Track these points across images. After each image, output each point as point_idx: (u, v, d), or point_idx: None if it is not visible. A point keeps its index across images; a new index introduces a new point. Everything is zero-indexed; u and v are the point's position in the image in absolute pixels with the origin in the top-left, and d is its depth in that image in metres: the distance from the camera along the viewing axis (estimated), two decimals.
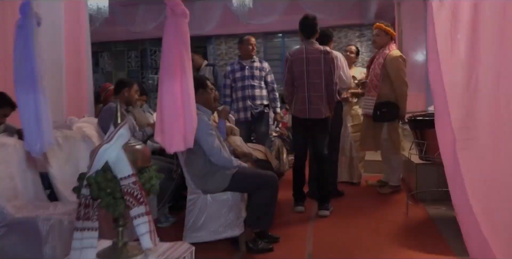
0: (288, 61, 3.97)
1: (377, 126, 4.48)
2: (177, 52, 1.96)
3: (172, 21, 1.98)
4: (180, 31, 1.97)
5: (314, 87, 3.86)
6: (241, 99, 4.71)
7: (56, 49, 4.03)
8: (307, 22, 3.95)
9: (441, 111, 1.96)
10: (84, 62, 4.78)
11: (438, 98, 1.97)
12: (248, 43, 4.77)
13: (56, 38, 4.02)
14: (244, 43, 4.79)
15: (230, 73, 4.75)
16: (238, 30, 10.27)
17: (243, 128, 4.76)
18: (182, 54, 1.97)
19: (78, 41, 4.62)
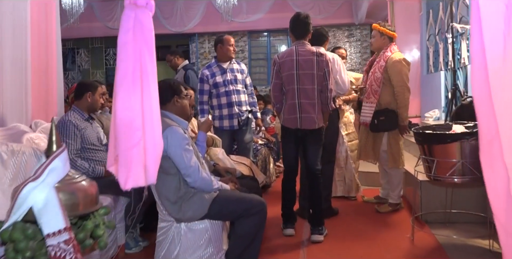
0: (276, 64, 3.48)
1: (377, 137, 4.02)
2: (136, 55, 1.44)
3: (130, 14, 1.46)
4: (141, 27, 1.46)
5: (305, 94, 3.38)
6: (227, 106, 4.21)
7: (21, 46, 3.64)
8: (298, 21, 3.46)
9: (488, 139, 1.48)
10: (54, 60, 4.36)
11: (484, 120, 1.49)
12: (228, 43, 4.27)
13: (21, 35, 3.64)
14: (224, 44, 4.28)
15: (210, 78, 4.23)
16: (222, 28, 9.79)
17: (226, 137, 4.27)
18: (144, 58, 1.46)
19: (47, 38, 4.24)
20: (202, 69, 4.34)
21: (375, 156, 4.07)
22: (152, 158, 1.44)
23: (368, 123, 3.98)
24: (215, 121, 4.29)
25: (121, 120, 1.41)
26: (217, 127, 4.29)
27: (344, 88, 3.95)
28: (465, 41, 4.94)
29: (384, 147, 4.00)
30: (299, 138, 3.48)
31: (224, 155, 3.54)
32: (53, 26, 4.40)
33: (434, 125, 3.54)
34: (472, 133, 3.00)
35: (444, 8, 5.88)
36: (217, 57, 4.34)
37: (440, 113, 6.01)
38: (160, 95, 2.69)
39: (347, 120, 4.54)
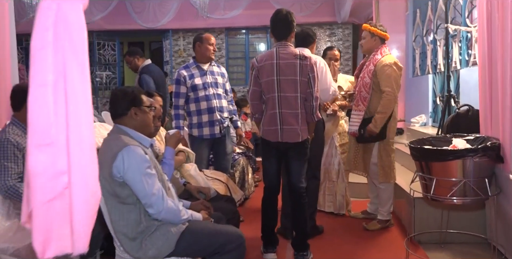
0: (254, 69, 3.06)
1: (366, 148, 3.66)
2: (58, 65, 1.01)
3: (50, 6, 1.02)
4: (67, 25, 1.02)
5: (288, 103, 2.98)
6: (207, 112, 3.77)
7: None
8: (279, 19, 3.05)
9: None
10: (8, 58, 3.82)
11: None
12: (208, 42, 3.83)
13: None
14: (203, 42, 3.83)
15: (188, 79, 3.79)
16: (198, 24, 9.31)
17: (206, 147, 3.83)
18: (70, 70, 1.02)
19: None
20: (179, 69, 3.87)
21: (365, 168, 3.72)
22: (82, 215, 1.01)
23: (356, 133, 3.61)
24: (193, 130, 3.84)
25: (36, 159, 0.98)
26: (195, 136, 3.84)
27: (325, 95, 3.53)
28: (457, 44, 4.62)
29: (374, 160, 3.64)
30: (281, 153, 3.08)
31: (197, 171, 3.12)
32: (5, 20, 3.89)
33: (431, 138, 3.20)
34: (476, 149, 2.66)
35: (433, 8, 5.57)
36: (196, 57, 3.89)
37: (427, 118, 5.71)
38: (113, 107, 2.27)
39: (342, 129, 4.14)
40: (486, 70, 2.94)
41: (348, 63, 9.67)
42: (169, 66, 9.75)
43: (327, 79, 3.51)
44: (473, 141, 2.99)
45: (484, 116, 3.03)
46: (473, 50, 4.21)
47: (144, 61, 4.82)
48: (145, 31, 9.42)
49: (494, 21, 2.81)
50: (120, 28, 9.64)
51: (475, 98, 4.09)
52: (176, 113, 3.81)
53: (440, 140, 3.14)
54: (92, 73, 9.96)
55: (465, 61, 4.48)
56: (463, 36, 4.45)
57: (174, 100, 3.82)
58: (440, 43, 5.28)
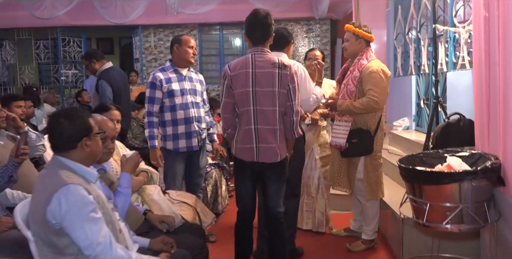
0: (226, 78, 2.69)
1: (351, 162, 3.33)
2: None
3: None
4: None
5: (264, 118, 2.62)
6: (184, 122, 3.37)
7: None
8: (256, 22, 2.67)
9: None
10: None
11: None
12: (187, 44, 3.40)
13: None
14: (181, 44, 3.41)
15: (165, 83, 3.36)
16: (169, 20, 8.84)
17: (181, 162, 3.45)
18: None
19: None
20: (155, 72, 3.44)
21: (349, 184, 3.38)
22: None
23: (341, 146, 3.27)
24: (167, 142, 3.42)
25: None
26: (169, 150, 3.43)
27: (306, 105, 3.15)
28: (444, 45, 4.33)
29: (359, 175, 3.32)
30: (256, 173, 2.73)
31: (161, 195, 2.74)
32: None
33: (422, 154, 2.89)
34: (475, 172, 2.35)
35: (416, 5, 5.27)
36: (173, 60, 3.48)
37: (410, 122, 5.44)
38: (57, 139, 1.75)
39: (323, 140, 3.78)
40: (483, 76, 2.64)
41: (326, 60, 9.34)
42: (139, 63, 9.27)
43: (307, 87, 3.12)
44: (468, 158, 2.69)
45: (481, 130, 2.73)
46: (462, 52, 3.92)
47: (104, 65, 4.35)
48: (114, 26, 8.90)
49: (492, 20, 2.51)
50: (87, 24, 9.10)
51: (464, 104, 3.82)
52: (149, 121, 3.39)
53: (432, 156, 2.84)
54: (57, 72, 9.44)
55: (453, 64, 4.20)
56: (450, 36, 4.16)
57: (147, 106, 3.41)
58: (424, 43, 4.99)
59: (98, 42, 11.22)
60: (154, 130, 3.37)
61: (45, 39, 9.48)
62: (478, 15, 2.68)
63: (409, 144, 4.72)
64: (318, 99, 3.20)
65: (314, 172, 3.75)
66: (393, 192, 3.81)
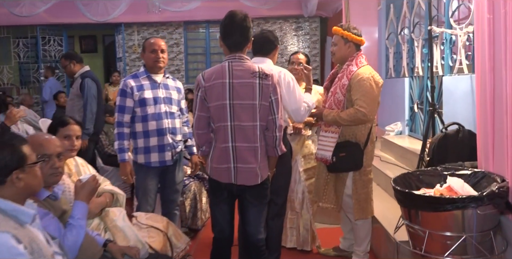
0: (200, 89, 2.38)
1: (339, 176, 3.05)
2: None
3: None
4: None
5: (243, 134, 2.33)
6: (156, 134, 3.04)
7: None
8: (233, 25, 2.37)
9: None
10: None
11: None
12: (150, 49, 3.07)
13: None
14: (145, 50, 3.09)
15: (136, 90, 3.05)
16: (153, 18, 8.48)
17: (153, 178, 3.14)
18: None
19: None
20: (125, 78, 3.12)
21: (336, 201, 3.10)
22: None
23: (327, 160, 2.99)
24: (139, 156, 3.10)
25: None
26: (141, 164, 3.10)
27: (298, 115, 2.85)
28: (439, 47, 4.06)
29: (348, 191, 3.03)
30: (234, 196, 2.44)
31: (126, 221, 2.43)
32: None
33: (418, 172, 2.62)
34: (481, 198, 2.08)
35: (410, 4, 4.99)
36: (146, 65, 3.17)
37: (403, 126, 5.17)
38: None
39: (308, 150, 3.47)
40: (487, 83, 2.37)
41: (315, 59, 9.07)
42: (122, 63, 8.90)
43: (296, 96, 2.79)
44: (471, 177, 2.43)
45: (484, 145, 2.46)
46: (459, 55, 3.65)
47: (82, 68, 4.35)
48: (97, 23, 8.53)
49: (498, 21, 2.24)
50: (68, 22, 8.73)
51: (462, 112, 3.55)
52: (119, 132, 3.07)
53: (429, 174, 2.57)
54: (37, 71, 9.05)
55: (449, 67, 3.92)
56: (446, 38, 3.88)
57: (117, 115, 3.09)
58: (418, 44, 4.72)
59: (81, 40, 10.81)
60: (124, 142, 3.06)
61: (25, 37, 9.10)
62: (480, 16, 2.41)
63: (403, 151, 4.45)
64: (310, 108, 2.88)
65: (297, 185, 3.45)
66: (386, 206, 3.55)
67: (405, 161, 4.37)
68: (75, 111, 4.30)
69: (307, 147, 3.46)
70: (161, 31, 9.05)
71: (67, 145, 2.38)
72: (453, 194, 2.25)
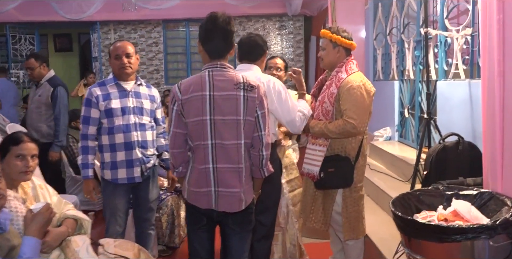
0: (176, 102, 2.09)
1: (327, 193, 2.79)
2: None
3: None
4: None
5: (226, 154, 2.05)
6: (124, 147, 2.73)
7: None
8: (215, 29, 2.08)
9: None
10: None
11: None
12: (114, 55, 2.77)
13: None
14: (110, 56, 2.79)
15: (102, 100, 2.75)
16: (130, 15, 8.11)
17: (120, 195, 2.82)
18: None
19: None
20: (91, 86, 2.81)
21: (325, 220, 2.83)
22: None
23: (314, 175, 2.72)
24: (105, 171, 2.79)
25: None
26: (107, 181, 2.80)
27: (294, 126, 2.57)
28: (433, 49, 3.83)
29: (337, 208, 2.77)
30: (214, 222, 2.17)
31: (90, 251, 2.12)
32: None
33: (418, 192, 2.37)
34: (494, 227, 1.84)
35: (399, 3, 4.76)
36: (114, 72, 2.86)
37: (393, 131, 4.95)
38: None
39: (289, 160, 3.22)
40: (496, 90, 2.12)
41: (300, 59, 8.82)
42: (98, 63, 8.50)
43: (289, 106, 2.51)
44: (477, 198, 2.20)
45: (492, 162, 2.22)
46: (455, 59, 3.43)
47: (49, 72, 4.11)
48: (72, 21, 8.11)
49: (510, 20, 2.01)
50: (40, 19, 8.30)
51: (459, 121, 3.33)
52: (83, 146, 2.77)
53: (430, 194, 2.33)
54: (6, 71, 8.59)
55: (443, 72, 3.70)
56: (440, 40, 3.66)
57: (81, 127, 2.78)
58: (409, 46, 4.49)
59: (55, 38, 10.35)
60: (88, 157, 2.75)
61: None
62: (488, 16, 2.17)
63: (393, 160, 4.23)
64: (306, 116, 2.61)
65: (281, 198, 3.20)
66: (379, 222, 3.33)
67: (395, 170, 4.16)
68: (42, 120, 4.05)
69: (287, 157, 3.21)
70: (139, 29, 8.69)
71: (20, 166, 2.06)
72: (459, 219, 2.02)
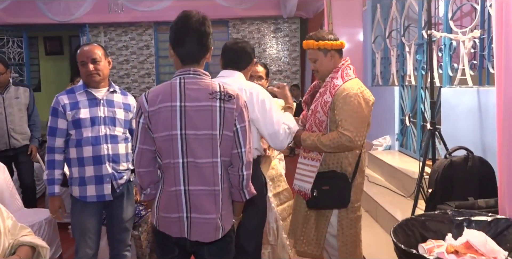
0: (142, 114, 1.80)
1: (320, 213, 2.49)
2: None
3: None
4: None
5: (199, 174, 1.75)
6: (92, 162, 2.44)
7: None
8: (188, 30, 1.78)
9: None
10: None
11: None
12: (80, 61, 2.46)
13: None
14: (78, 60, 2.50)
15: (69, 109, 2.45)
16: (120, 17, 7.81)
17: (90, 215, 2.51)
18: None
19: None
20: (59, 94, 2.51)
21: (317, 242, 2.52)
22: None
23: (306, 193, 2.42)
24: (73, 188, 2.49)
25: None
26: (76, 198, 2.51)
27: (277, 140, 2.29)
28: (436, 53, 3.55)
29: (332, 231, 2.47)
30: (187, 253, 1.87)
31: None
32: None
33: (423, 217, 2.08)
34: None
35: (399, 4, 4.49)
36: (83, 78, 2.56)
37: (393, 140, 4.66)
38: None
39: (275, 172, 2.96)
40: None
41: (295, 63, 8.55)
42: None
43: (272, 117, 2.25)
44: (492, 226, 1.92)
45: (508, 184, 1.94)
46: (462, 64, 3.15)
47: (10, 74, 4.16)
48: (62, 24, 7.81)
49: None
50: (28, 22, 8.01)
51: (464, 131, 3.04)
52: (49, 160, 2.47)
53: (437, 220, 2.04)
54: None
55: (448, 78, 3.41)
56: (445, 43, 3.37)
57: (48, 139, 2.49)
58: (410, 49, 4.21)
59: (45, 41, 10.05)
60: (54, 172, 2.46)
61: None
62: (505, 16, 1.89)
63: (393, 171, 3.94)
64: (292, 130, 2.33)
65: (269, 214, 2.91)
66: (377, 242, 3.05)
67: (395, 182, 3.87)
68: (24, 122, 4.04)
69: (274, 169, 2.94)
70: (129, 32, 8.42)
71: None
72: (473, 252, 1.73)
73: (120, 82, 8.50)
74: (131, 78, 8.55)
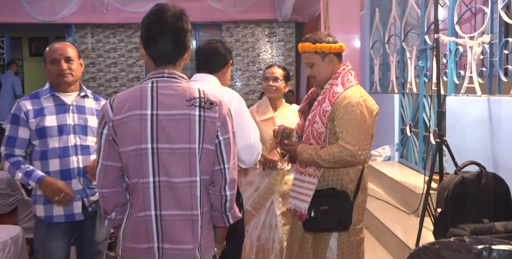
0: (106, 124, 1.51)
1: (318, 236, 2.22)
2: None
3: None
4: None
5: (174, 196, 1.48)
6: (60, 176, 2.13)
7: None
8: (163, 25, 1.51)
9: None
10: None
11: None
12: (50, 59, 2.17)
13: None
14: (46, 61, 2.20)
15: (33, 117, 2.15)
16: (108, 18, 7.57)
17: (57, 238, 2.20)
18: None
19: None
20: (20, 100, 2.22)
21: None
22: None
23: (302, 214, 2.16)
24: (37, 206, 2.18)
25: None
26: (40, 219, 2.19)
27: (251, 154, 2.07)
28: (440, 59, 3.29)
29: (331, 255, 2.22)
30: None
31: None
32: None
33: (437, 245, 1.77)
34: None
35: (400, 8, 4.25)
36: (51, 81, 2.26)
37: (392, 151, 4.41)
38: None
39: (288, 187, 2.68)
40: None
41: (290, 68, 8.31)
42: None
43: (248, 127, 2.05)
44: None
45: None
46: (469, 71, 2.91)
47: None
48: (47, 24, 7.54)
49: None
50: (11, 21, 7.72)
51: (473, 144, 2.79)
52: (13, 162, 2.12)
53: (452, 248, 1.75)
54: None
55: (453, 85, 3.17)
56: (450, 49, 3.13)
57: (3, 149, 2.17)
58: (411, 55, 3.97)
59: (30, 42, 9.74)
60: (25, 165, 2.13)
61: None
62: None
63: (393, 184, 3.69)
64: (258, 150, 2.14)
65: (274, 232, 2.74)
66: None
67: (396, 196, 3.62)
68: None
69: (287, 184, 2.74)
70: (118, 33, 8.15)
71: None
72: None
73: (108, 86, 8.22)
74: (119, 81, 8.26)
